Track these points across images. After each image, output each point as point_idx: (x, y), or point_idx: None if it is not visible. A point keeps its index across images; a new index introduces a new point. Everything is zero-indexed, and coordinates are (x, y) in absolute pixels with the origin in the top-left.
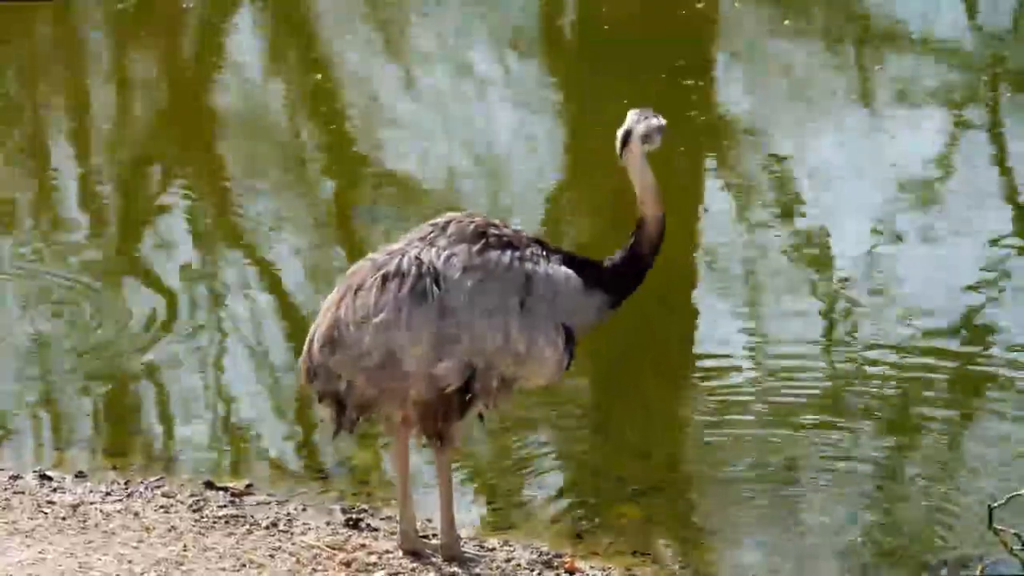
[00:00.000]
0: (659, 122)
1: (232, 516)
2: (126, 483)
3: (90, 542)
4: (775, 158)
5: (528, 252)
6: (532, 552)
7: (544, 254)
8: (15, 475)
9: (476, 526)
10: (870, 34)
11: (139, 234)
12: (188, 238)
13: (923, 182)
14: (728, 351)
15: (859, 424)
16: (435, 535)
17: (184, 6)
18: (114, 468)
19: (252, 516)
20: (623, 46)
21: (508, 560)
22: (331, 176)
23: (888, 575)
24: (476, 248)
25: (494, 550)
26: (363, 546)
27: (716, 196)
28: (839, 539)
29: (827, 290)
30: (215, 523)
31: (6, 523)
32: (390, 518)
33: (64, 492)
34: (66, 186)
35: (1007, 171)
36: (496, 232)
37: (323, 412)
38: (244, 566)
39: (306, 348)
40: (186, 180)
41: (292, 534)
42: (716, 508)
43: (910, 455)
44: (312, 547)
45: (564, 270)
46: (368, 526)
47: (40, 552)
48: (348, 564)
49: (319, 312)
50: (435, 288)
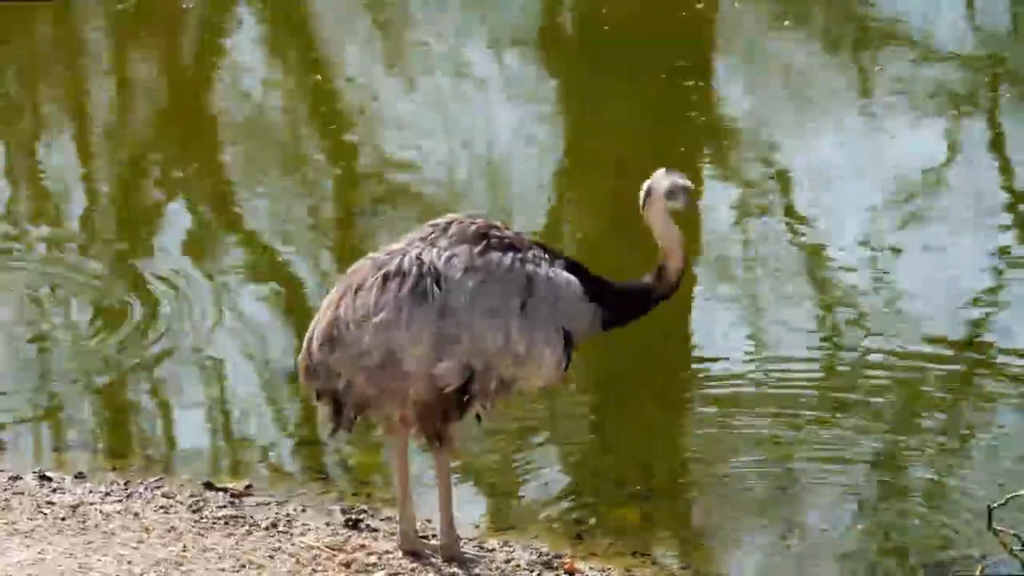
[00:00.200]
0: (684, 182)
1: (232, 517)
2: (126, 484)
3: (90, 543)
4: (775, 158)
5: (530, 255)
6: (532, 553)
7: (546, 257)
8: (15, 476)
9: (476, 527)
10: (870, 34)
11: (138, 234)
12: (187, 238)
13: (923, 182)
14: (728, 351)
15: (859, 425)
16: (435, 536)
17: (184, 6)
18: (114, 469)
19: (252, 517)
20: (623, 46)
21: (508, 561)
22: (331, 176)
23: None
24: (478, 249)
25: (494, 551)
26: (363, 547)
27: (716, 196)
28: (839, 540)
29: (827, 290)
30: (214, 524)
31: (6, 523)
32: (390, 519)
33: (64, 493)
34: (66, 186)
35: (1007, 171)
36: (498, 234)
37: (321, 410)
38: (244, 567)
39: (305, 346)
40: (186, 180)
41: (292, 535)
42: (716, 509)
43: (910, 455)
44: (312, 548)
45: (566, 275)
46: (368, 527)
47: (40, 552)
48: (348, 565)
49: (318, 311)
50: (436, 288)
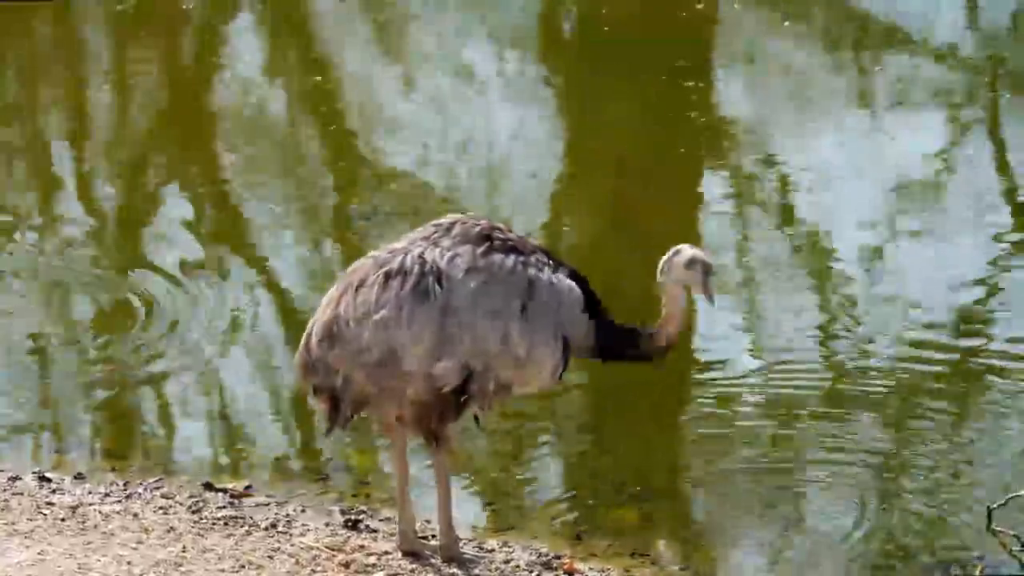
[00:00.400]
0: (708, 258)
1: (231, 517)
2: (125, 484)
3: (89, 543)
4: (775, 158)
5: (533, 258)
6: (531, 553)
7: (549, 263)
8: (14, 476)
9: (475, 527)
10: (870, 35)
11: (138, 234)
12: (187, 238)
13: (923, 182)
14: (728, 351)
15: (859, 424)
16: (434, 536)
17: (184, 6)
18: (113, 469)
19: (251, 517)
20: (623, 47)
21: (507, 561)
22: (331, 176)
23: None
24: (480, 250)
25: (493, 551)
26: (362, 547)
27: (716, 196)
28: (838, 540)
29: (827, 290)
30: (214, 524)
31: (5, 524)
32: (389, 519)
33: (63, 493)
34: (66, 186)
35: (1006, 171)
36: (501, 236)
37: (317, 407)
38: (243, 567)
39: (303, 342)
40: (186, 180)
41: (291, 535)
42: (715, 509)
43: (910, 455)
44: (311, 548)
45: (568, 282)
46: (367, 527)
47: (39, 553)
48: (347, 565)
49: (318, 308)
50: (437, 287)
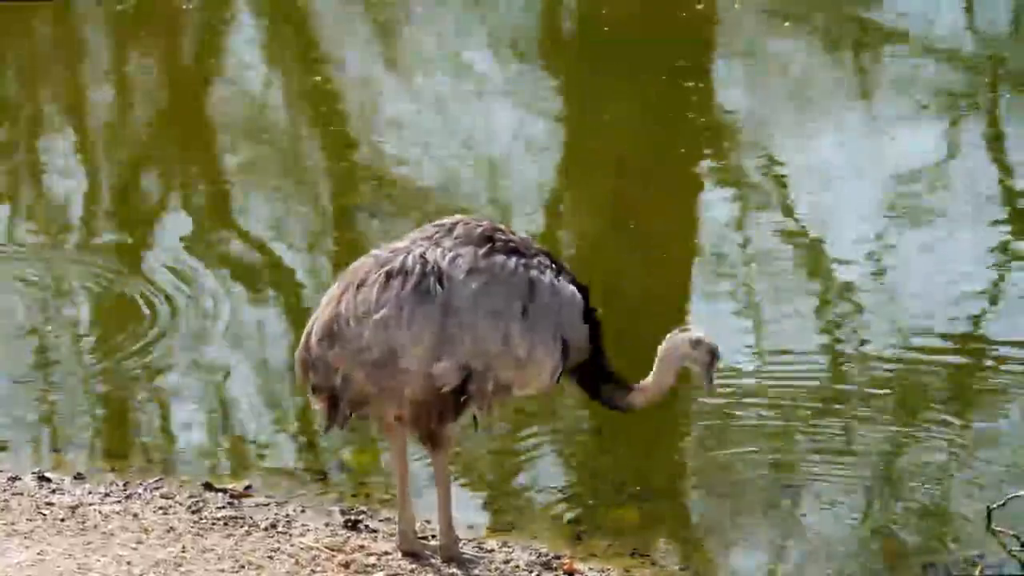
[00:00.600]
0: (715, 345)
1: (231, 517)
2: (125, 484)
3: (89, 543)
4: (775, 158)
5: (535, 261)
6: (531, 553)
7: (552, 266)
8: (14, 476)
9: (475, 527)
10: (869, 35)
11: (137, 234)
12: (186, 238)
13: (922, 182)
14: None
15: (858, 425)
16: (434, 536)
17: (184, 6)
18: (113, 470)
19: (251, 517)
20: (623, 47)
21: (507, 561)
22: (330, 177)
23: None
24: (482, 251)
25: (493, 551)
26: (362, 547)
27: (716, 196)
28: (838, 540)
29: (827, 290)
30: (214, 524)
31: (5, 524)
32: (389, 519)
33: (63, 493)
34: (65, 186)
35: (1006, 171)
36: (503, 237)
37: (315, 406)
38: (243, 567)
39: (303, 340)
40: (185, 180)
41: (291, 535)
42: (715, 509)
43: (910, 455)
44: (311, 548)
45: (570, 287)
46: (367, 527)
47: (39, 553)
48: (347, 565)
49: (318, 306)
50: (438, 287)
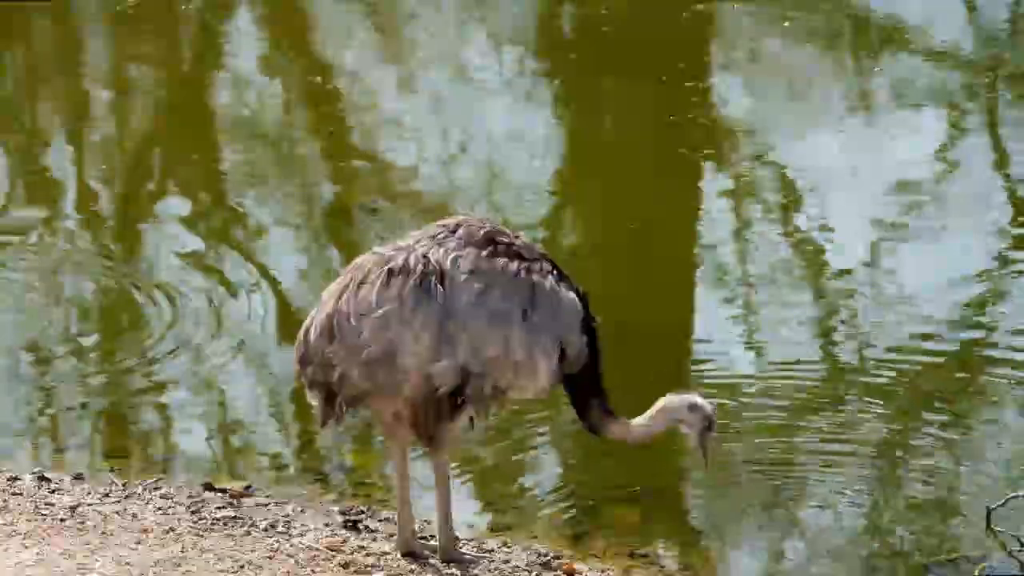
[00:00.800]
0: (712, 414)
1: (230, 518)
2: (124, 485)
3: (88, 543)
4: (775, 158)
5: (537, 265)
6: (530, 553)
7: (554, 272)
8: (13, 476)
9: (474, 527)
10: (869, 35)
11: (137, 234)
12: (186, 238)
13: (922, 182)
14: (728, 351)
15: (858, 425)
16: (433, 536)
17: (184, 6)
18: (112, 470)
19: (250, 518)
20: (622, 47)
21: (506, 561)
22: (330, 176)
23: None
24: (485, 253)
25: (492, 551)
26: (361, 547)
27: (715, 196)
28: (838, 540)
29: (827, 291)
30: (213, 525)
31: (4, 524)
32: (388, 520)
33: (62, 493)
34: (64, 186)
35: (1006, 171)
36: (506, 240)
37: (312, 400)
38: (242, 567)
39: (302, 335)
40: (184, 180)
41: (290, 536)
42: (714, 509)
43: (910, 455)
44: (310, 548)
45: (571, 294)
46: (367, 527)
47: (38, 553)
48: (346, 566)
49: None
50: (440, 288)
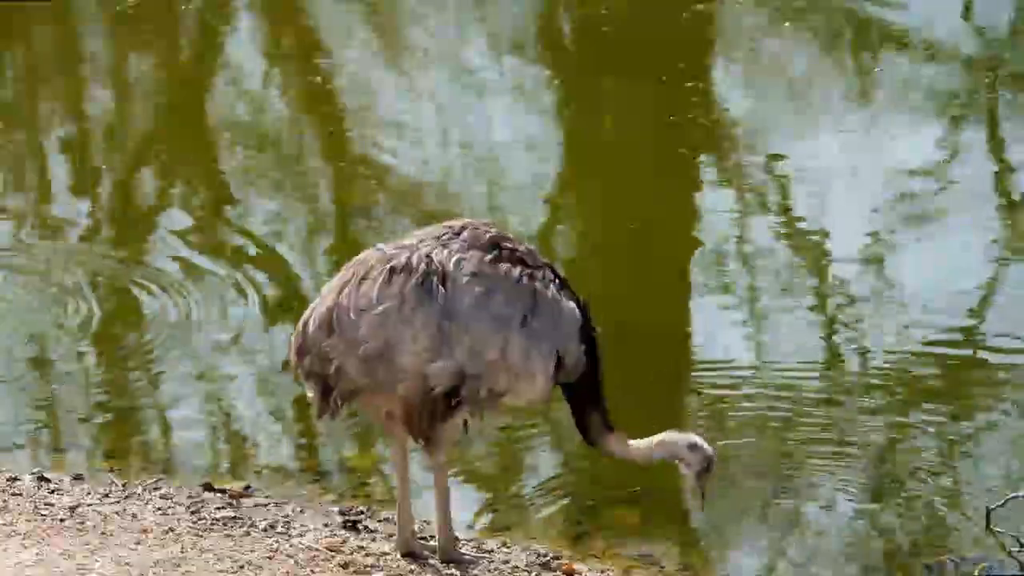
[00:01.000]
0: (712, 456)
1: (230, 518)
2: (124, 485)
3: (88, 544)
4: (774, 159)
5: (539, 273)
6: (530, 554)
7: (556, 281)
8: (13, 477)
9: (474, 528)
10: (869, 35)
11: (136, 234)
12: (186, 238)
13: (922, 183)
14: (727, 352)
15: (857, 424)
16: (433, 537)
17: (184, 7)
18: (112, 470)
19: (250, 518)
20: (622, 47)
21: (506, 562)
22: (329, 177)
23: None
24: (488, 257)
25: (492, 552)
26: (361, 548)
27: (715, 197)
28: (837, 540)
29: (826, 290)
30: (213, 525)
31: (4, 524)
32: (388, 520)
33: (62, 494)
34: (64, 186)
35: (1005, 172)
36: (510, 246)
37: (307, 392)
38: (242, 568)
39: (300, 326)
40: (184, 181)
41: (290, 536)
42: (714, 510)
43: (909, 456)
44: (310, 549)
45: (571, 303)
46: (366, 528)
47: (38, 554)
48: (346, 566)
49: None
50: (441, 288)
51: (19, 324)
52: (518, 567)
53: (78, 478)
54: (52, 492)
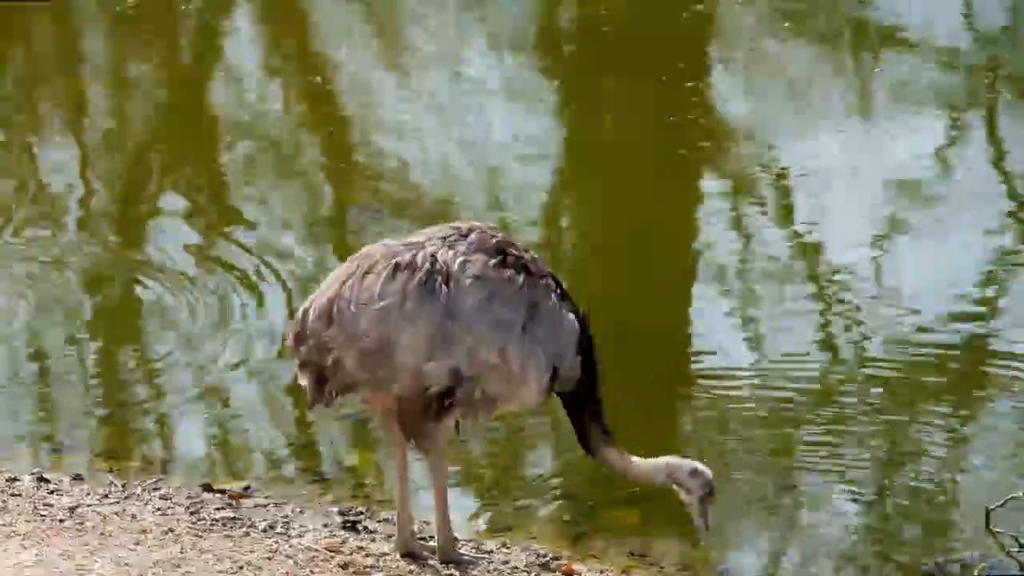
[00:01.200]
0: (712, 481)
1: (229, 518)
2: (123, 485)
3: (87, 544)
4: (775, 159)
5: (542, 282)
6: (529, 554)
7: (557, 291)
8: (12, 477)
9: (474, 528)
10: (869, 36)
11: (136, 235)
12: (185, 238)
13: (921, 183)
14: (727, 352)
15: (857, 425)
16: (432, 537)
17: (184, 7)
18: (111, 471)
19: (249, 518)
20: (622, 48)
21: (505, 562)
22: (329, 177)
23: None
24: (493, 262)
25: (491, 552)
26: (360, 548)
27: (715, 196)
28: (837, 540)
29: (825, 291)
30: (212, 525)
31: (3, 525)
32: (388, 520)
33: (62, 494)
34: (64, 186)
35: (1005, 172)
36: (516, 252)
37: (302, 381)
38: (241, 568)
39: (299, 315)
40: (184, 181)
41: (289, 536)
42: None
43: (909, 456)
44: (309, 549)
45: (570, 315)
46: (366, 528)
47: (37, 554)
48: (345, 566)
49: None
50: (443, 288)
51: (19, 324)
52: (517, 567)
53: (78, 478)
54: (51, 493)
